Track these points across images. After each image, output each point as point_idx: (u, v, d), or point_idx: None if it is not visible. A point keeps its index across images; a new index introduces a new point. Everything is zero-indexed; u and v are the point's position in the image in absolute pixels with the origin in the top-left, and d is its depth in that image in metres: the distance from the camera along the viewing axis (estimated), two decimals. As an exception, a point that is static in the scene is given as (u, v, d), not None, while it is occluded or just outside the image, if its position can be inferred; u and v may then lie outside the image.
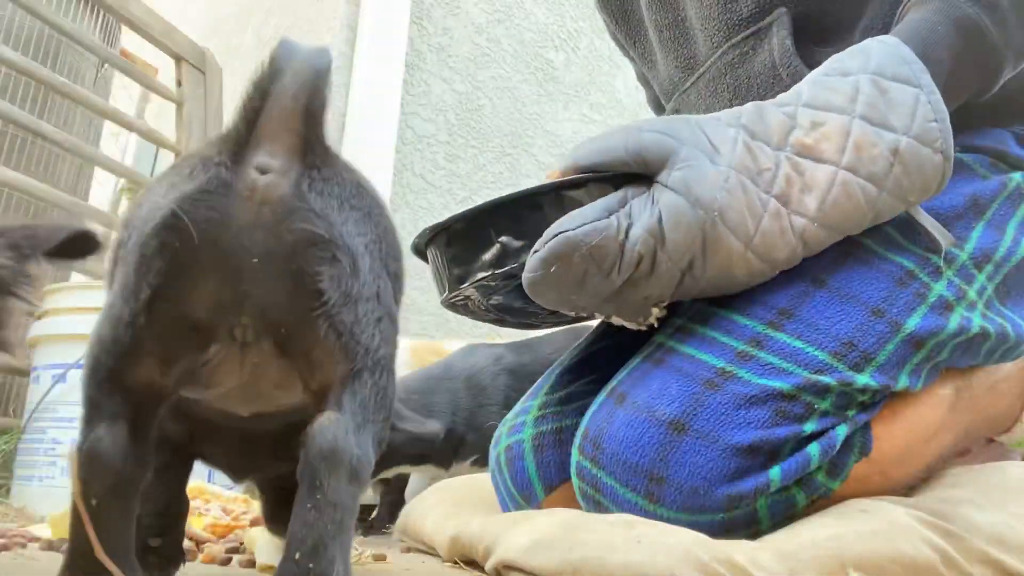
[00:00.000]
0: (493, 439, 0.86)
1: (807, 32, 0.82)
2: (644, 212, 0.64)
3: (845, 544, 0.58)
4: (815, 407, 0.65)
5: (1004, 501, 0.65)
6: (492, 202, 0.67)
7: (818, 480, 0.65)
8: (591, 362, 0.86)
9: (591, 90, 3.08)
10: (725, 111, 0.68)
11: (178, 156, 2.15)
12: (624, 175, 0.66)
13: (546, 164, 2.81)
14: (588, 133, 2.96)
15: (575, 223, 0.63)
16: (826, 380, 0.65)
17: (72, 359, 1.34)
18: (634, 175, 0.66)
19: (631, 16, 1.03)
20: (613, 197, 0.65)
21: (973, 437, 0.82)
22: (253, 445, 0.61)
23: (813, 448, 0.64)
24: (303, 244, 0.47)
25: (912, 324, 0.68)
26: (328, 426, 0.46)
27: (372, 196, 0.53)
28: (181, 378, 0.51)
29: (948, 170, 0.66)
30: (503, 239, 0.67)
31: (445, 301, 0.75)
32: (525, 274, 0.64)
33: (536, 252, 0.63)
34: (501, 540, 0.66)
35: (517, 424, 0.83)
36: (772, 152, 0.65)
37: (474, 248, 0.69)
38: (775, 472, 0.63)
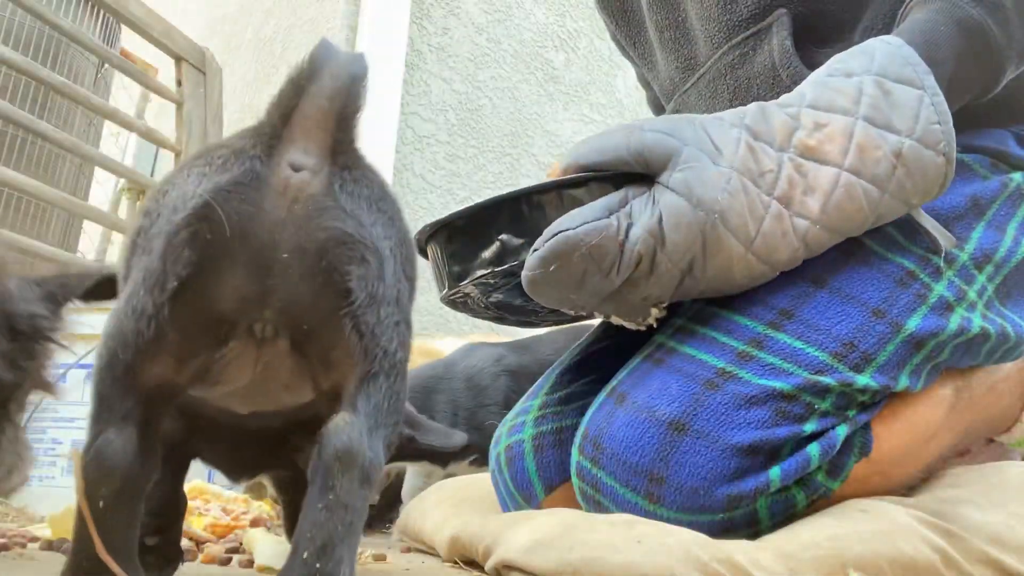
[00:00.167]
0: (493, 439, 0.86)
1: (807, 33, 0.82)
2: (645, 212, 0.64)
3: (845, 544, 0.58)
4: (815, 407, 0.65)
5: (1004, 501, 0.65)
6: (493, 199, 0.67)
7: (818, 480, 0.65)
8: (591, 362, 0.86)
9: (591, 90, 3.08)
10: (729, 111, 0.68)
11: (178, 156, 2.15)
12: (625, 174, 0.66)
13: (546, 164, 2.81)
14: (588, 133, 2.96)
15: (575, 222, 0.63)
16: (826, 380, 0.65)
17: (72, 358, 1.34)
18: (635, 174, 0.66)
19: (631, 17, 1.03)
20: (614, 196, 0.65)
21: (973, 437, 0.82)
22: (248, 443, 0.61)
23: (813, 448, 0.64)
24: (334, 242, 0.47)
25: (912, 325, 0.68)
26: (344, 427, 0.46)
27: (394, 201, 0.53)
28: (193, 376, 0.50)
29: (950, 173, 0.66)
30: (503, 237, 0.67)
31: (444, 298, 0.75)
32: (524, 272, 0.64)
33: (536, 251, 0.63)
34: (501, 540, 0.66)
35: (517, 424, 0.83)
36: (775, 153, 0.65)
37: (474, 245, 0.69)
38: (775, 472, 0.63)
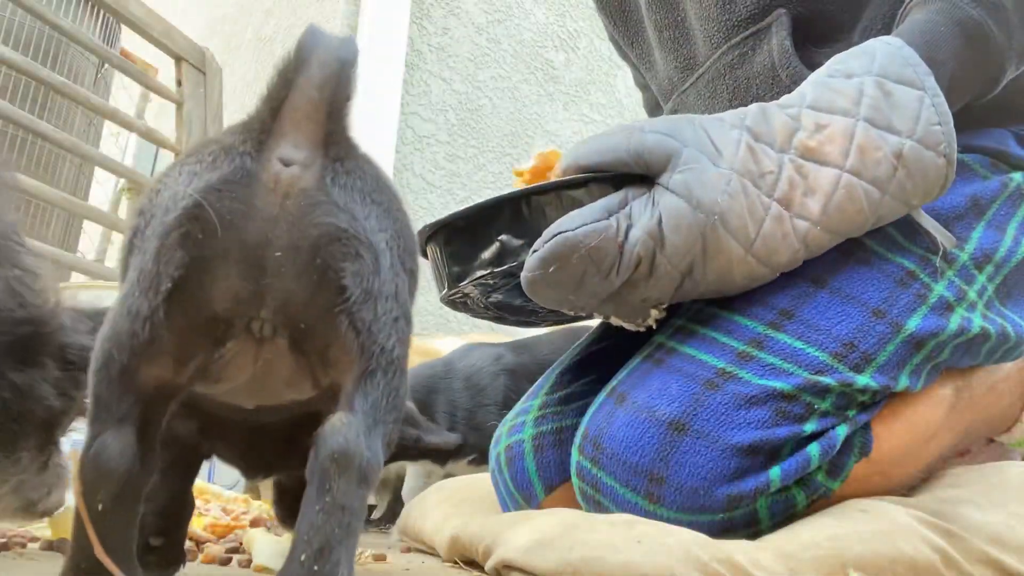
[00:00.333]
0: (493, 439, 0.86)
1: (806, 33, 0.82)
2: (644, 214, 0.64)
3: (845, 544, 0.58)
4: (815, 407, 0.65)
5: (1004, 501, 0.65)
6: (492, 200, 0.67)
7: (818, 480, 0.65)
8: (591, 362, 0.86)
9: (591, 90, 3.08)
10: (729, 112, 0.68)
11: (178, 156, 2.15)
12: (625, 175, 0.66)
13: (546, 164, 2.80)
14: (588, 133, 2.96)
15: (574, 223, 0.63)
16: (826, 381, 0.65)
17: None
18: (635, 175, 0.66)
19: (629, 17, 1.03)
20: (613, 198, 0.65)
21: (973, 437, 0.82)
22: (262, 439, 0.60)
23: (813, 448, 0.64)
24: (327, 238, 0.46)
25: (913, 325, 0.68)
26: (340, 428, 0.45)
27: (391, 191, 0.52)
28: (193, 376, 0.50)
29: (951, 174, 0.66)
30: (503, 237, 0.67)
31: (444, 298, 0.75)
32: (524, 273, 0.64)
33: (535, 252, 0.63)
34: (501, 540, 0.66)
35: (517, 424, 0.83)
36: (775, 154, 0.65)
37: (474, 246, 0.69)
38: (775, 472, 0.63)
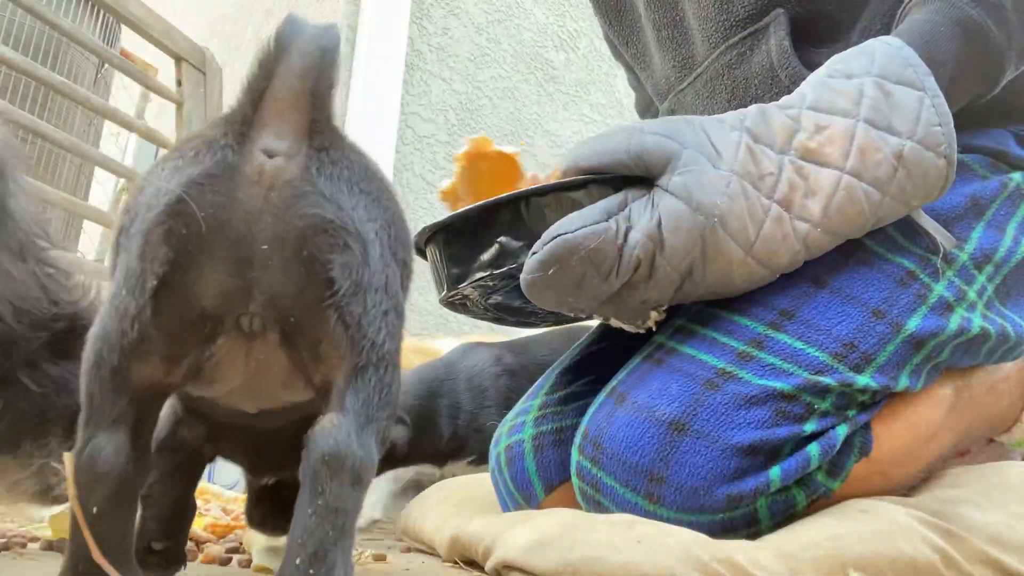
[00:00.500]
0: (493, 439, 0.86)
1: (805, 33, 0.81)
2: (644, 216, 0.64)
3: (845, 544, 0.58)
4: (815, 407, 0.65)
5: (1004, 501, 0.65)
6: (492, 201, 0.67)
7: (818, 480, 0.65)
8: (591, 362, 0.86)
9: (591, 90, 3.08)
10: (729, 113, 0.68)
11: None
12: (625, 176, 0.66)
13: (546, 164, 2.81)
14: (588, 133, 2.96)
15: (574, 226, 0.62)
16: (826, 381, 0.65)
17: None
18: (635, 177, 0.66)
19: (625, 16, 1.02)
20: (613, 199, 0.65)
21: (973, 437, 0.82)
22: (269, 443, 0.60)
23: (813, 448, 0.64)
24: (313, 230, 0.46)
25: (913, 325, 0.68)
26: (330, 429, 0.45)
27: (380, 180, 0.51)
28: (186, 375, 0.49)
29: (951, 175, 0.66)
30: (502, 239, 0.67)
31: (444, 300, 0.75)
32: (523, 276, 0.64)
33: (534, 254, 0.63)
34: (501, 540, 0.66)
35: (517, 424, 0.83)
36: (775, 156, 0.65)
37: (473, 247, 0.69)
38: (775, 472, 0.63)
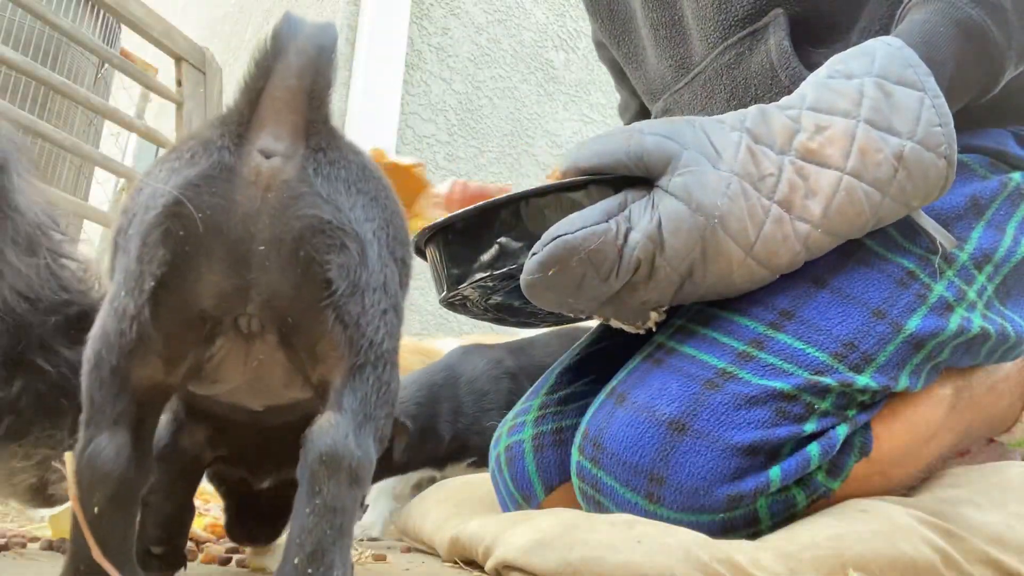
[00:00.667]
0: (493, 439, 0.86)
1: (804, 33, 0.81)
2: (644, 217, 0.64)
3: (845, 544, 0.58)
4: (815, 407, 0.65)
5: (1004, 501, 0.65)
6: (492, 202, 0.67)
7: (818, 480, 0.65)
8: (591, 362, 0.86)
9: (591, 90, 3.08)
10: (729, 114, 0.68)
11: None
12: (625, 177, 0.66)
13: (546, 164, 2.81)
14: (588, 133, 2.96)
15: (574, 227, 0.62)
16: (826, 381, 0.65)
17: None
18: (635, 177, 0.66)
19: (617, 15, 1.02)
20: (613, 200, 0.65)
21: (973, 437, 0.82)
22: (273, 440, 0.60)
23: (813, 448, 0.64)
24: (311, 231, 0.46)
25: (913, 325, 0.68)
26: (328, 429, 0.45)
27: (378, 179, 0.51)
28: (186, 375, 0.50)
29: (951, 175, 0.66)
30: (502, 240, 0.67)
31: (443, 300, 0.75)
32: (523, 277, 0.64)
33: (534, 255, 0.63)
34: (501, 540, 0.66)
35: (517, 424, 0.83)
36: (776, 156, 0.65)
37: (473, 248, 0.69)
38: (775, 472, 0.63)
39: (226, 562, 0.74)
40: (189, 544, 0.77)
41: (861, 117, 0.65)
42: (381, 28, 2.45)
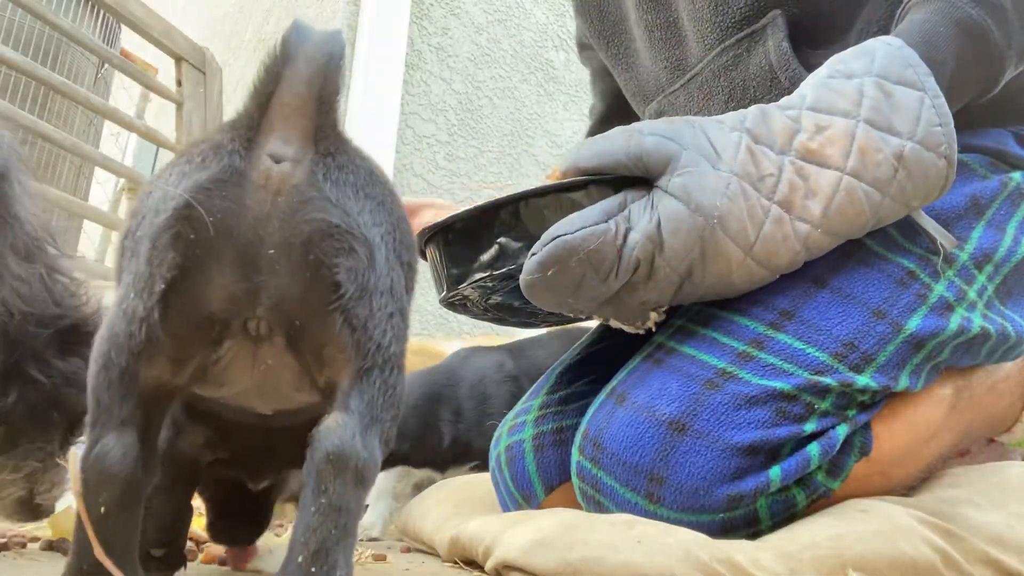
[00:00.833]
0: (493, 439, 0.86)
1: (802, 35, 0.81)
2: (643, 217, 0.64)
3: (845, 544, 0.58)
4: (815, 407, 0.65)
5: (1004, 501, 0.65)
6: (491, 202, 0.67)
7: (818, 480, 0.65)
8: (591, 362, 0.86)
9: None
10: (729, 114, 0.68)
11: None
12: (624, 177, 0.66)
13: (546, 164, 2.81)
14: (588, 133, 2.96)
15: (573, 227, 0.62)
16: (826, 381, 0.65)
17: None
18: (634, 177, 0.66)
19: (607, 15, 1.02)
20: (612, 200, 0.65)
21: (974, 437, 0.82)
22: (274, 443, 0.60)
23: (813, 448, 0.64)
24: (320, 234, 0.46)
25: (913, 325, 0.68)
26: (335, 429, 0.45)
27: (385, 184, 0.52)
28: (192, 377, 0.50)
29: (951, 175, 0.66)
30: (501, 240, 0.67)
31: (443, 300, 0.75)
32: (522, 277, 0.64)
33: (533, 255, 0.63)
34: (501, 540, 0.66)
35: (517, 424, 0.83)
36: (776, 157, 0.65)
37: (473, 248, 0.69)
38: (775, 472, 0.63)
39: (226, 562, 0.74)
40: (189, 544, 0.78)
41: (861, 117, 0.65)
42: (381, 28, 2.45)
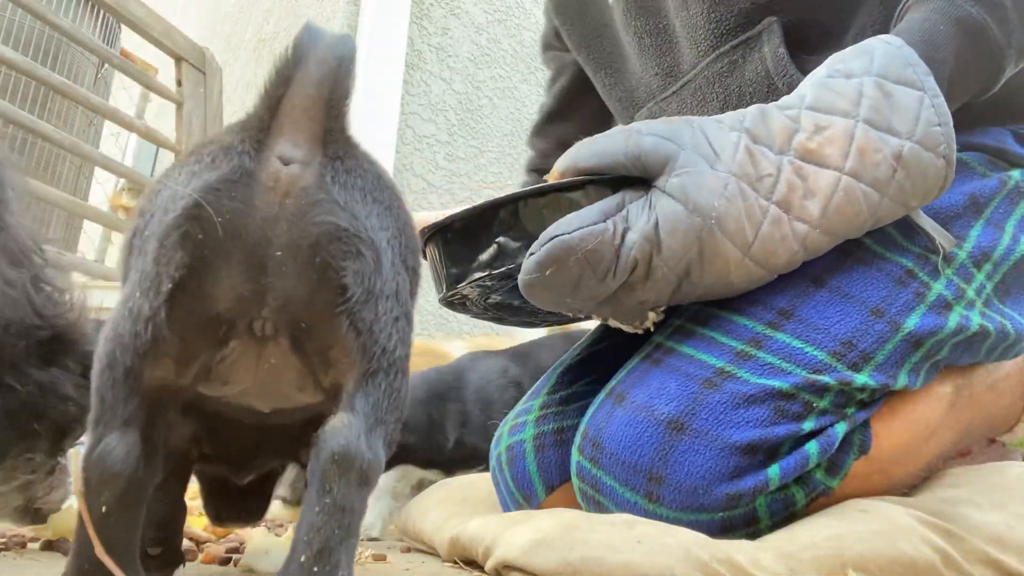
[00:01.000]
0: (494, 439, 0.86)
1: (797, 41, 0.80)
2: (641, 217, 0.64)
3: (845, 544, 0.58)
4: (814, 406, 0.65)
5: (1004, 501, 0.65)
6: (491, 202, 0.67)
7: (817, 478, 0.65)
8: (591, 362, 0.86)
9: (591, 90, 3.07)
10: (728, 114, 0.68)
11: (178, 156, 2.15)
12: (623, 177, 0.66)
13: (546, 164, 2.80)
14: (588, 133, 2.96)
15: (571, 227, 0.62)
16: (825, 379, 0.65)
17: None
18: (633, 177, 0.66)
19: (588, 17, 1.00)
20: (610, 200, 0.65)
21: (974, 436, 0.82)
22: (266, 440, 0.60)
23: (811, 446, 0.64)
24: (327, 237, 0.46)
25: (911, 324, 0.68)
26: (341, 429, 0.45)
27: (391, 189, 0.52)
28: (196, 377, 0.50)
29: (950, 175, 0.66)
30: (500, 239, 0.67)
31: (443, 299, 0.75)
32: (521, 276, 0.64)
33: (532, 255, 0.63)
34: (501, 540, 0.66)
35: (518, 424, 0.83)
36: (774, 157, 0.65)
37: (472, 248, 0.69)
38: (774, 471, 0.63)
39: (226, 562, 0.74)
40: (190, 544, 0.78)
41: (860, 117, 0.65)
42: (381, 28, 2.45)
